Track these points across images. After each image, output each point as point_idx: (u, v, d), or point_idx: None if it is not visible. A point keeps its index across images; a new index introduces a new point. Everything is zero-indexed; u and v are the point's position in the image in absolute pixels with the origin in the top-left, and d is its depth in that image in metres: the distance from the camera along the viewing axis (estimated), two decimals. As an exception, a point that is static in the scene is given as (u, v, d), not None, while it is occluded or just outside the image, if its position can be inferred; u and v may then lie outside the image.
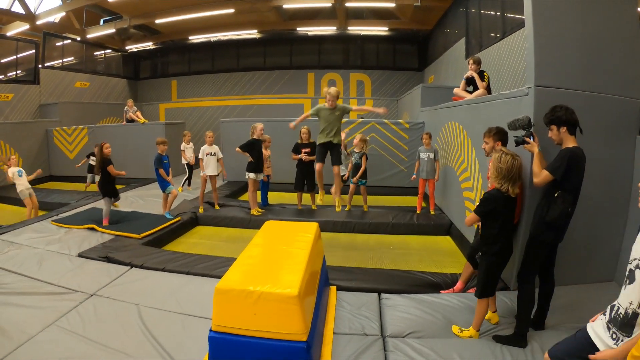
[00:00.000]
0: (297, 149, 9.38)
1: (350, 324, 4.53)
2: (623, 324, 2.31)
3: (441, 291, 5.38)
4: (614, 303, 2.42)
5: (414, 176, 9.19)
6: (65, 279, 5.83)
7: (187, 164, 12.00)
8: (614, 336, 2.37)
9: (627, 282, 2.32)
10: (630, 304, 2.27)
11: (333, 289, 5.33)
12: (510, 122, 4.45)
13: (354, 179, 9.15)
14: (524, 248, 4.30)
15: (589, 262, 5.01)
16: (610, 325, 2.40)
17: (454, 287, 5.44)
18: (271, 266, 4.01)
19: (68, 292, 5.42)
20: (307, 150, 9.23)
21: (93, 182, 8.68)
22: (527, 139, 4.23)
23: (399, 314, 4.72)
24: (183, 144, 12.04)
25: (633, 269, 2.27)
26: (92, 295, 5.32)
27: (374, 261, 7.01)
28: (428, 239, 8.01)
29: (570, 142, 3.89)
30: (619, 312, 2.35)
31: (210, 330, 3.66)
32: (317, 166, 6.95)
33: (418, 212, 9.05)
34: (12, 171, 9.52)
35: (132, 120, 14.71)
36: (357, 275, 5.83)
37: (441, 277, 5.75)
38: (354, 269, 6.10)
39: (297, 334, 3.45)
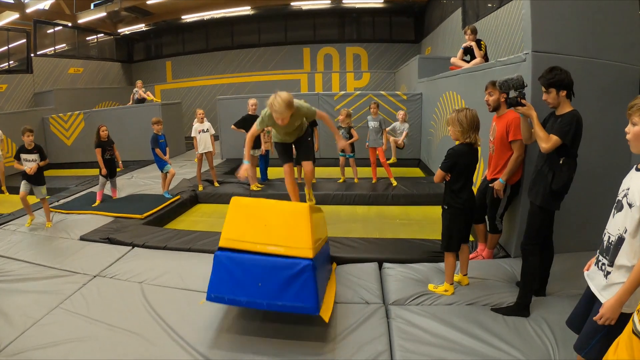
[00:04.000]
0: None
1: (351, 293, 4.52)
2: (610, 250, 2.43)
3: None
4: (604, 232, 2.53)
5: (367, 144, 9.20)
6: (67, 262, 5.82)
7: None
8: (602, 268, 2.48)
9: (615, 211, 2.46)
10: (618, 230, 2.38)
11: (334, 264, 5.31)
12: (501, 81, 4.20)
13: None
14: (525, 218, 4.15)
15: (587, 229, 4.89)
16: (601, 257, 2.52)
17: (483, 254, 5.38)
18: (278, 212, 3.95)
19: (71, 275, 5.42)
20: None
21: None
22: (523, 101, 4.00)
23: (401, 282, 4.70)
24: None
25: (621, 199, 2.43)
26: (95, 277, 5.33)
27: (375, 232, 6.99)
28: (428, 209, 7.97)
29: (567, 107, 3.73)
30: (610, 241, 2.44)
31: (218, 248, 3.73)
32: (286, 168, 5.74)
33: (374, 181, 9.14)
34: None
35: (142, 100, 14.68)
36: (359, 245, 5.80)
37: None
38: (355, 239, 6.08)
39: (305, 249, 3.50)
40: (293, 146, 5.80)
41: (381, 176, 9.32)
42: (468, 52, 7.98)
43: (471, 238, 6.00)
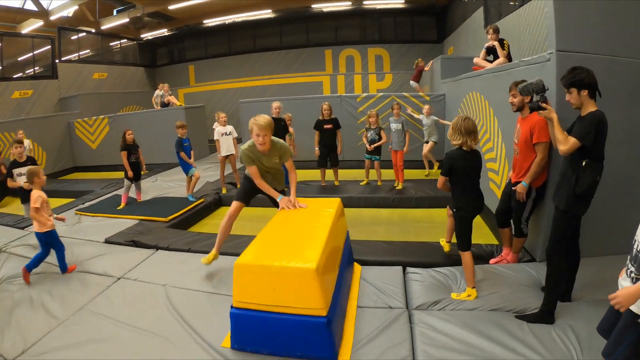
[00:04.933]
0: (318, 126, 9.27)
1: (375, 298, 4.48)
2: (638, 259, 2.34)
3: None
4: (633, 239, 2.43)
5: (390, 146, 9.13)
6: (92, 264, 5.91)
7: None
8: (630, 276, 2.40)
9: None
10: None
11: (357, 265, 5.28)
12: (522, 86, 4.15)
13: (371, 146, 9.03)
14: (550, 222, 4.04)
15: (613, 233, 4.75)
16: (630, 265, 2.43)
17: (508, 258, 5.29)
18: (291, 242, 4.02)
19: (96, 277, 5.52)
20: (328, 126, 9.15)
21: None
22: (544, 105, 3.93)
23: (424, 287, 4.65)
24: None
25: None
26: (119, 279, 5.40)
27: (398, 235, 6.92)
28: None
29: (591, 106, 3.61)
30: (638, 249, 2.36)
31: (232, 307, 3.70)
32: (234, 206, 5.29)
33: (396, 184, 9.02)
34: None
35: (168, 104, 14.82)
36: (382, 249, 5.77)
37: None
38: (378, 242, 6.05)
39: (317, 309, 3.45)
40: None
41: (408, 178, 9.29)
42: (491, 52, 7.88)
43: (496, 242, 5.95)
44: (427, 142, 10.05)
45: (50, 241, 5.57)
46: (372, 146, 9.00)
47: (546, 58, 4.78)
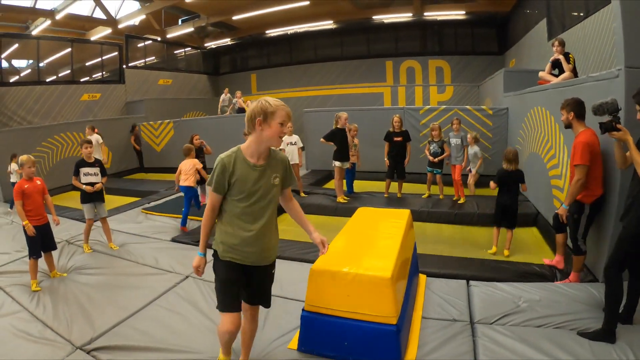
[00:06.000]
0: (388, 137, 9.24)
1: (439, 310, 4.47)
2: None
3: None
4: None
5: (448, 162, 9.01)
6: (161, 262, 6.14)
7: None
8: None
9: None
10: None
11: (422, 276, 5.27)
12: (595, 106, 4.01)
13: (436, 159, 8.96)
14: (614, 242, 3.93)
15: None
16: None
17: (570, 278, 5.14)
18: (364, 250, 4.09)
19: (165, 274, 5.72)
20: (398, 139, 9.10)
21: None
22: (618, 125, 3.79)
23: (488, 301, 4.59)
24: None
25: None
26: (187, 277, 5.56)
27: (460, 250, 6.77)
28: (516, 232, 7.64)
29: None
30: None
31: (303, 310, 3.78)
32: (227, 325, 3.14)
33: (456, 199, 8.85)
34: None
35: (242, 110, 15.24)
36: (446, 262, 5.77)
37: (529, 267, 5.58)
38: (442, 256, 6.04)
39: (388, 317, 3.50)
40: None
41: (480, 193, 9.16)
42: (556, 66, 7.68)
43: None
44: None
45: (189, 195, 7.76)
46: (437, 159, 8.93)
47: (614, 74, 4.64)
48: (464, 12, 18.16)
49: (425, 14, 18.61)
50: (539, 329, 4.05)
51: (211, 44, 22.91)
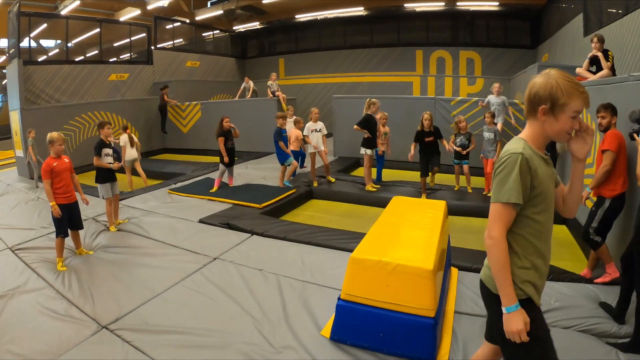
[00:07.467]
0: (419, 138, 8.73)
1: (472, 305, 4.37)
2: None
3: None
4: None
5: (482, 155, 8.82)
6: (188, 242, 6.11)
7: None
8: None
9: None
10: None
11: (454, 269, 5.19)
12: (630, 112, 4.01)
13: (464, 151, 8.80)
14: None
15: None
16: None
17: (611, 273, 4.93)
18: (403, 241, 4.04)
19: (192, 254, 5.69)
20: (430, 139, 8.62)
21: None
22: (635, 135, 3.77)
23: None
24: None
25: None
26: (215, 259, 5.53)
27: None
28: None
29: None
30: None
31: (339, 298, 3.70)
32: None
33: (486, 192, 8.59)
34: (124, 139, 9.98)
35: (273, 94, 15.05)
36: (477, 257, 5.57)
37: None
38: (473, 250, 5.89)
39: (427, 309, 3.43)
40: None
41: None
42: (594, 63, 7.43)
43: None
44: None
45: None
46: (465, 151, 8.77)
47: None
48: (497, 3, 17.77)
49: (458, 3, 18.24)
50: (569, 332, 3.90)
51: (239, 27, 22.74)
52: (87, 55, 17.15)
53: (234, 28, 22.65)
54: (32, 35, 14.66)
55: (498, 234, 2.09)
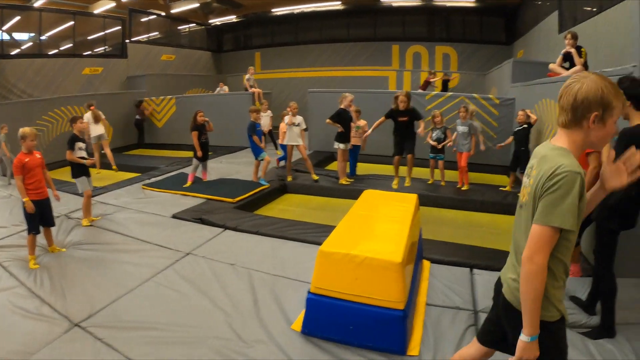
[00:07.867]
0: (391, 115, 8.48)
1: (443, 297, 4.44)
2: None
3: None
4: None
5: (454, 148, 8.90)
6: (161, 238, 6.07)
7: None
8: None
9: None
10: None
11: (426, 262, 5.23)
12: None
13: (439, 145, 8.87)
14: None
15: None
16: None
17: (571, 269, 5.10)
18: (373, 234, 4.06)
19: (164, 250, 5.66)
20: (404, 118, 8.43)
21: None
22: None
23: (491, 290, 4.53)
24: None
25: None
26: (187, 254, 5.51)
27: (462, 238, 6.64)
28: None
29: (637, 119, 3.47)
30: None
31: (309, 292, 3.73)
32: None
33: (459, 185, 8.67)
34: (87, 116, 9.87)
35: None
36: (450, 249, 5.69)
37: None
38: (445, 242, 5.96)
39: (396, 302, 3.47)
40: None
41: (473, 181, 9.00)
42: (567, 59, 7.59)
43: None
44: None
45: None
46: (440, 145, 8.84)
47: (629, 71, 4.57)
48: (473, 0, 17.95)
49: (434, -1, 18.42)
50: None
51: (215, 21, 22.57)
52: (61, 48, 16.83)
53: (210, 21, 22.48)
54: (4, 28, 14.43)
55: (543, 261, 1.92)
